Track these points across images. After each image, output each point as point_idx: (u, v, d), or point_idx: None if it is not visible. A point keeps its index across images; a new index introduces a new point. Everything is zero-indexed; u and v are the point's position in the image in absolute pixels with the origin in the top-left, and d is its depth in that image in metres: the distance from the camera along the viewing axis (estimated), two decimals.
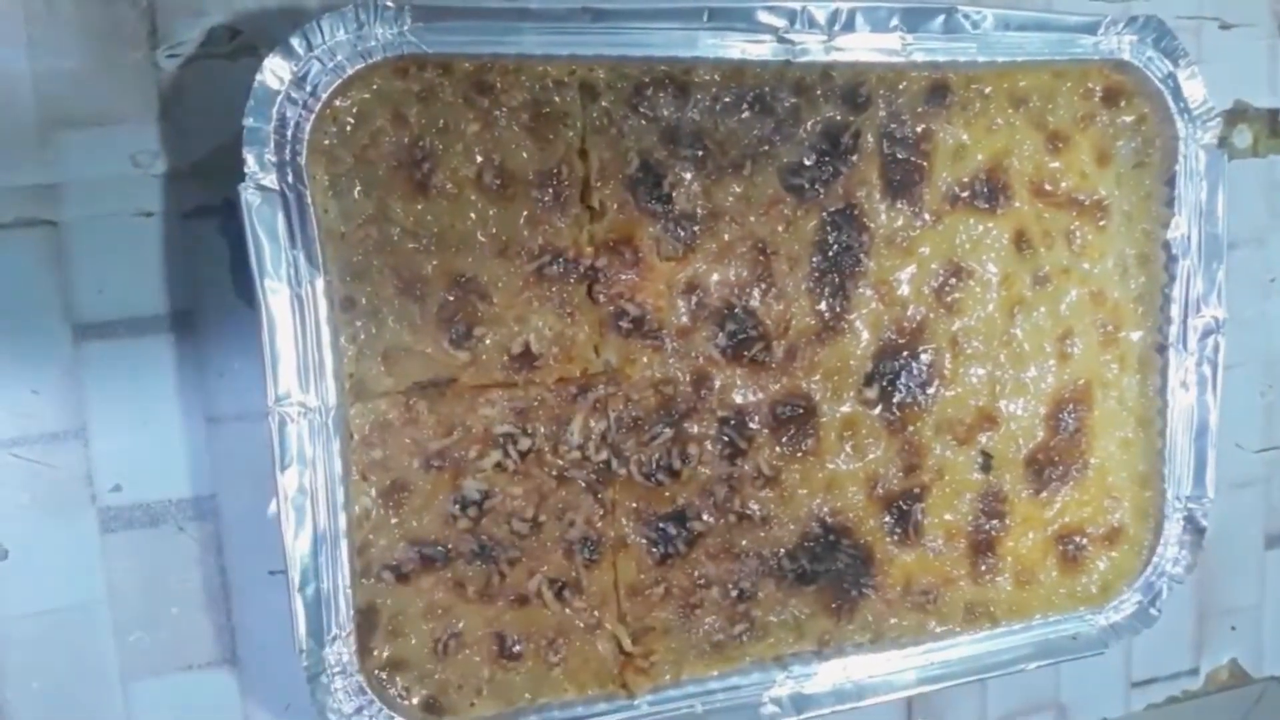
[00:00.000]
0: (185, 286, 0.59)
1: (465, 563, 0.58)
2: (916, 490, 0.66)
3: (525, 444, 0.59)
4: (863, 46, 0.61)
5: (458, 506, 0.58)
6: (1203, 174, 0.69)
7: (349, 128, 0.54)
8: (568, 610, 0.60)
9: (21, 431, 0.57)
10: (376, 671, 0.57)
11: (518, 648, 0.59)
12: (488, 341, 0.57)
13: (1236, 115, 0.79)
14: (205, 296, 0.59)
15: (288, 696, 0.61)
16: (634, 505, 0.61)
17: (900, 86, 0.63)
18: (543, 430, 0.59)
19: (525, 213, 0.57)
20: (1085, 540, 0.70)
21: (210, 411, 0.59)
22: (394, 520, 0.57)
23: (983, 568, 0.68)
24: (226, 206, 0.57)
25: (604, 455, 0.60)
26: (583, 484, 0.60)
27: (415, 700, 0.58)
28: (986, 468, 0.68)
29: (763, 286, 0.62)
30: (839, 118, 0.62)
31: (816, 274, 0.63)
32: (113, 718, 0.59)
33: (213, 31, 0.58)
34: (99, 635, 0.58)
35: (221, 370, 0.59)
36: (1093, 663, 0.72)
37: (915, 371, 0.65)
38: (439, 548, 0.58)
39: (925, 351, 0.65)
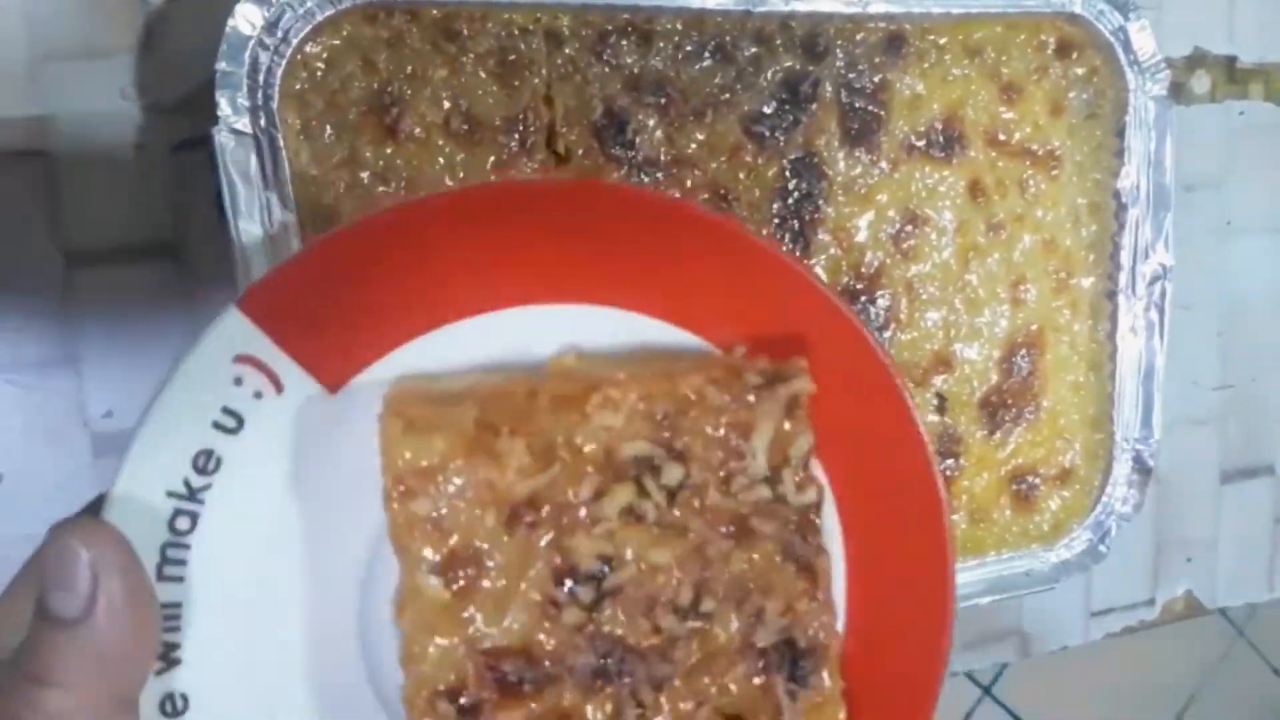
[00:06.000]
0: (173, 217, 0.61)
1: (577, 688, 0.37)
2: None
3: (675, 474, 0.39)
4: None
5: (562, 588, 0.38)
6: (1151, 125, 0.71)
7: (320, 73, 0.57)
8: None
9: (14, 358, 0.59)
10: None
11: None
12: None
13: (1195, 62, 0.81)
14: (192, 227, 0.61)
15: None
16: None
17: (858, 37, 0.65)
18: (702, 446, 0.38)
19: (492, 157, 0.60)
20: (1038, 480, 0.73)
21: None
22: (456, 612, 0.38)
23: None
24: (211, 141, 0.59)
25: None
26: (777, 552, 0.38)
27: None
28: (942, 409, 0.70)
29: None
30: (798, 67, 0.64)
31: (777, 220, 0.65)
32: None
33: None
34: None
35: (207, 299, 0.61)
36: (1053, 593, 0.74)
37: (872, 315, 0.68)
38: (531, 662, 0.38)
39: (882, 296, 0.68)
